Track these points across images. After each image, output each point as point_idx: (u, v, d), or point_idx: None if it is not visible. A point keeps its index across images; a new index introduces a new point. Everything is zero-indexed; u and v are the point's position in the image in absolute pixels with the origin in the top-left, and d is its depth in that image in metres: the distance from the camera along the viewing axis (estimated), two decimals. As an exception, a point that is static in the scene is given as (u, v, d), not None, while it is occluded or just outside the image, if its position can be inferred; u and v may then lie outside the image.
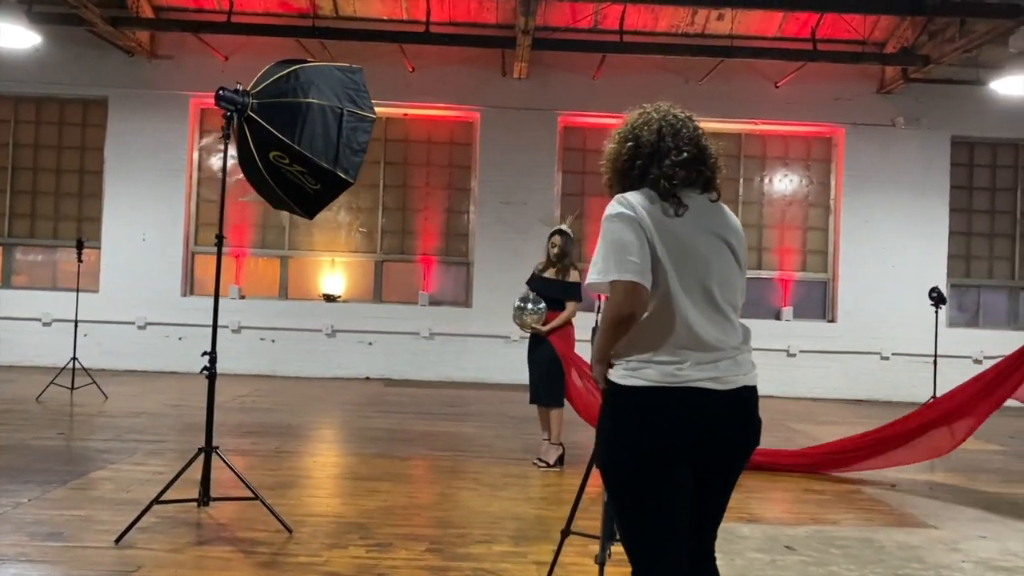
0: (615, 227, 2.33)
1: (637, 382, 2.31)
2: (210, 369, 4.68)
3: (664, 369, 2.29)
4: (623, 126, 2.52)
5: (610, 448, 2.36)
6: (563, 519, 4.99)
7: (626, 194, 2.39)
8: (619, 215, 2.33)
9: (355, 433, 7.74)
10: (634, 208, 2.33)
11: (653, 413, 2.29)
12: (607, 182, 2.54)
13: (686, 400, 2.29)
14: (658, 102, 2.59)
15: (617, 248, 2.29)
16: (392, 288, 12.77)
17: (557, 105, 12.46)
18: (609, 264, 2.30)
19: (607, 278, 2.30)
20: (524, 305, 6.36)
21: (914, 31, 11.67)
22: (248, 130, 4.62)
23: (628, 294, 2.27)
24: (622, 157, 2.47)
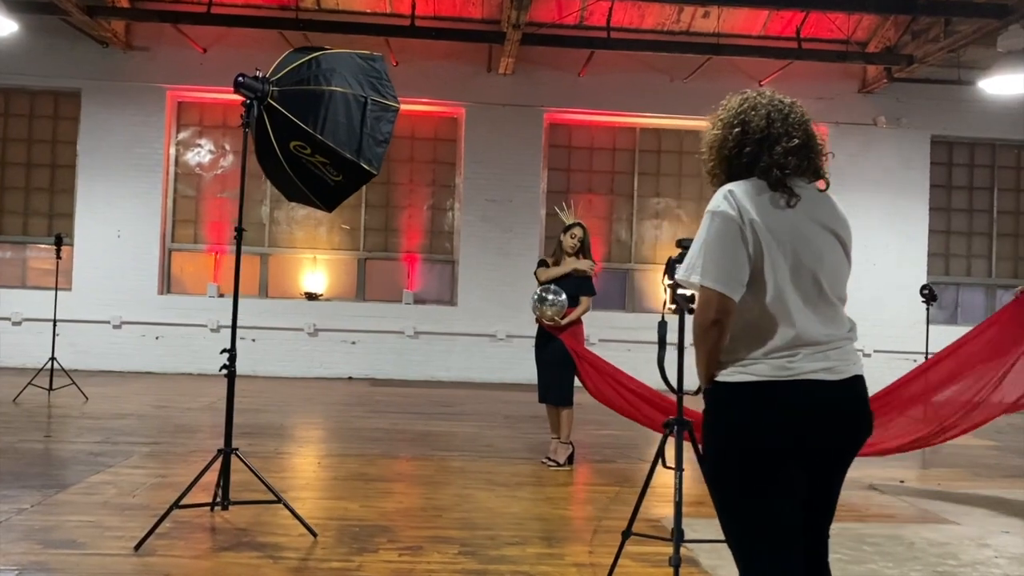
0: (713, 226, 2.25)
1: (748, 378, 2.22)
2: (230, 367, 4.46)
3: (776, 363, 2.21)
4: (726, 112, 2.41)
5: (722, 446, 2.27)
6: (587, 519, 4.94)
7: (733, 187, 2.29)
8: (721, 214, 2.25)
9: (353, 434, 7.55)
10: (740, 206, 2.24)
11: (766, 409, 2.21)
12: (709, 170, 2.44)
13: (799, 393, 2.21)
14: (757, 88, 2.48)
15: (710, 250, 2.24)
16: (375, 286, 12.56)
17: (543, 102, 12.36)
18: (697, 266, 2.25)
19: (693, 279, 2.25)
20: (545, 296, 6.24)
21: (897, 31, 11.79)
22: (268, 119, 4.43)
23: (711, 302, 2.23)
24: (728, 144, 2.37)
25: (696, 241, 2.27)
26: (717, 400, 2.28)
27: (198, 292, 12.18)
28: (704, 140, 2.45)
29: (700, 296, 2.24)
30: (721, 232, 2.22)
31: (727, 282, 2.20)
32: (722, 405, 2.27)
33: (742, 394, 2.22)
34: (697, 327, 2.25)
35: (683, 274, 2.27)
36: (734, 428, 2.23)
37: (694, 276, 2.24)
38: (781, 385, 2.20)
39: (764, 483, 2.22)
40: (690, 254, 2.26)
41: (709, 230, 2.24)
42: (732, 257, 2.20)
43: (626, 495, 5.60)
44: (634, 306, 12.65)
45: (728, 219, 2.23)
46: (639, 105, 12.43)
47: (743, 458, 2.22)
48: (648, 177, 12.80)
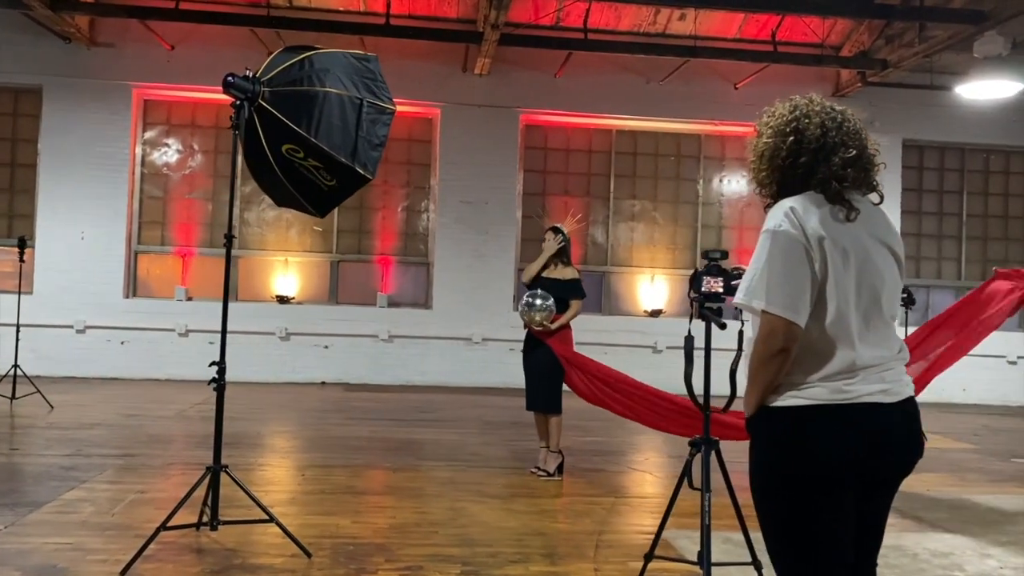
0: (776, 247, 2.12)
1: (803, 402, 2.12)
2: (219, 380, 4.26)
3: (833, 386, 2.11)
4: (776, 119, 2.30)
5: (775, 472, 2.16)
6: (587, 533, 4.82)
7: (793, 203, 2.17)
8: (784, 233, 2.12)
9: (334, 443, 7.35)
10: (802, 223, 2.13)
11: (823, 433, 2.10)
12: (760, 180, 2.32)
13: (857, 416, 2.11)
14: (805, 94, 2.37)
15: (775, 273, 2.11)
16: (348, 289, 12.33)
17: (518, 103, 12.24)
18: (761, 289, 2.12)
19: (756, 304, 2.12)
20: (533, 301, 6.12)
21: (871, 35, 11.86)
22: (258, 121, 4.24)
23: (778, 330, 2.09)
24: (781, 153, 2.25)
25: (755, 262, 2.14)
26: (770, 426, 2.17)
27: (165, 295, 11.85)
28: (753, 148, 2.34)
29: (764, 323, 2.10)
30: (785, 253, 2.10)
31: (794, 307, 2.08)
32: (775, 430, 2.15)
33: (797, 419, 2.12)
34: (760, 356, 2.12)
35: (743, 298, 2.14)
36: (789, 453, 2.13)
37: (756, 302, 2.11)
38: (838, 409, 2.10)
39: (819, 510, 2.12)
40: (749, 276, 2.13)
41: (771, 251, 2.12)
42: (798, 280, 2.09)
43: (621, 507, 5.51)
44: (610, 309, 12.58)
45: (792, 239, 2.11)
46: (615, 107, 12.36)
47: (798, 484, 2.12)
48: (624, 179, 12.74)
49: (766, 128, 2.31)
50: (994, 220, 13.42)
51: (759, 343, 2.11)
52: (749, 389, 2.19)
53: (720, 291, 3.04)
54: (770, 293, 2.09)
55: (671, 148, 12.87)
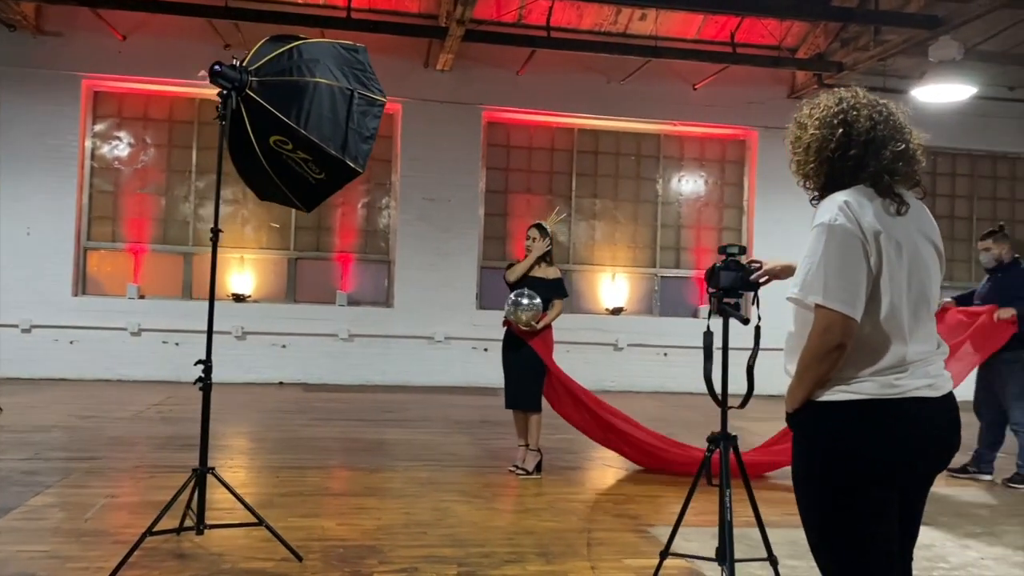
0: (833, 241, 2.10)
1: (853, 396, 2.11)
2: (205, 380, 4.11)
3: (883, 380, 2.10)
4: (822, 111, 2.27)
5: (823, 469, 2.14)
6: (576, 531, 4.79)
7: (846, 196, 2.16)
8: (841, 227, 2.10)
9: (303, 444, 7.19)
10: (857, 217, 2.12)
11: (874, 428, 2.10)
12: (807, 173, 2.30)
13: (906, 411, 2.11)
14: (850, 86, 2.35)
15: (831, 267, 2.08)
16: (307, 287, 12.11)
17: (481, 99, 12.16)
18: (817, 284, 2.09)
19: (812, 299, 2.09)
20: (520, 300, 6.05)
21: (827, 38, 12.09)
22: (245, 111, 4.10)
23: (835, 325, 2.07)
24: (830, 145, 2.23)
25: (810, 256, 2.11)
26: (817, 420, 2.15)
27: (116, 293, 11.49)
28: (795, 141, 2.31)
29: (820, 318, 2.08)
30: (842, 247, 2.09)
31: (852, 302, 2.06)
32: (824, 426, 2.14)
33: (847, 414, 2.11)
34: (815, 352, 2.09)
35: (798, 293, 2.11)
36: (838, 450, 2.12)
37: (814, 296, 2.08)
38: (888, 403, 2.10)
39: (868, 507, 2.12)
40: (804, 271, 2.11)
41: (827, 245, 2.10)
42: (854, 274, 2.07)
43: (604, 504, 5.49)
44: (572, 307, 12.56)
45: (849, 233, 2.10)
46: (577, 106, 12.38)
47: (848, 481, 2.11)
48: (586, 178, 12.77)
49: (811, 120, 2.28)
50: (941, 220, 13.74)
51: (814, 338, 2.09)
52: (797, 384, 2.16)
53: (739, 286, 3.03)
54: (827, 288, 2.06)
55: (632, 147, 12.94)
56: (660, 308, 12.83)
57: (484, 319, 12.02)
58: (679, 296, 12.91)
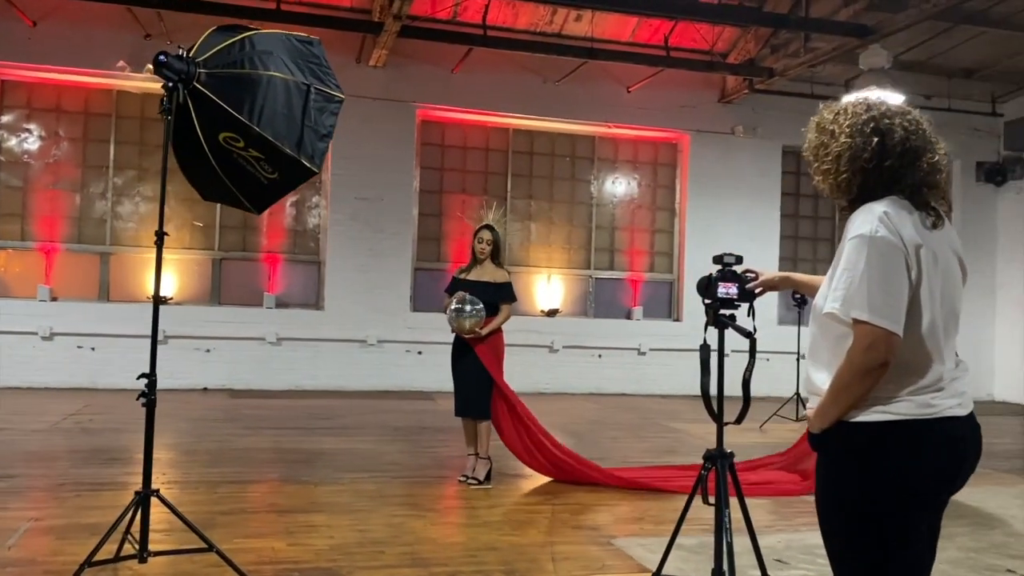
0: (875, 253, 1.99)
1: (889, 417, 2.01)
2: (148, 395, 3.80)
3: (919, 400, 2.02)
4: (850, 117, 2.15)
5: (855, 491, 2.04)
6: (538, 545, 4.65)
7: (886, 207, 2.06)
8: (883, 239, 2.00)
9: (239, 455, 6.85)
10: (898, 229, 2.02)
11: (911, 450, 2.01)
12: (836, 182, 2.17)
13: (940, 431, 2.04)
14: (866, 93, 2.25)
15: (874, 281, 1.97)
16: (232, 289, 11.64)
17: (415, 97, 11.91)
18: (860, 299, 1.98)
19: (855, 314, 1.98)
20: (462, 307, 5.86)
21: (757, 44, 12.27)
22: (192, 106, 3.81)
23: (880, 342, 1.96)
24: (864, 155, 2.11)
25: (850, 269, 2.00)
26: (850, 443, 2.05)
27: (26, 295, 10.80)
28: (824, 148, 2.18)
29: (864, 335, 1.97)
30: (885, 260, 1.98)
31: (896, 318, 1.96)
32: (857, 447, 2.04)
33: (881, 435, 2.01)
34: (858, 370, 1.98)
35: (839, 307, 1.99)
36: (873, 472, 2.02)
37: (857, 312, 1.97)
38: (924, 424, 2.01)
39: (903, 532, 2.03)
40: (843, 284, 1.99)
41: (869, 257, 1.99)
42: (897, 289, 1.97)
43: (561, 514, 5.36)
44: (506, 309, 12.44)
45: (892, 245, 2.00)
46: (512, 105, 12.25)
47: (884, 507, 2.02)
48: (521, 179, 12.66)
49: (840, 127, 2.16)
50: (863, 224, 14.19)
51: (856, 356, 1.98)
52: (831, 403, 2.05)
53: (735, 297, 2.92)
54: (872, 303, 1.96)
55: (566, 149, 12.89)
56: (595, 310, 12.82)
57: (418, 321, 11.80)
58: (613, 298, 12.93)
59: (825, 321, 2.11)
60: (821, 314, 2.12)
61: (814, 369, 2.15)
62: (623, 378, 12.49)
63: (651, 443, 8.38)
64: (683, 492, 5.71)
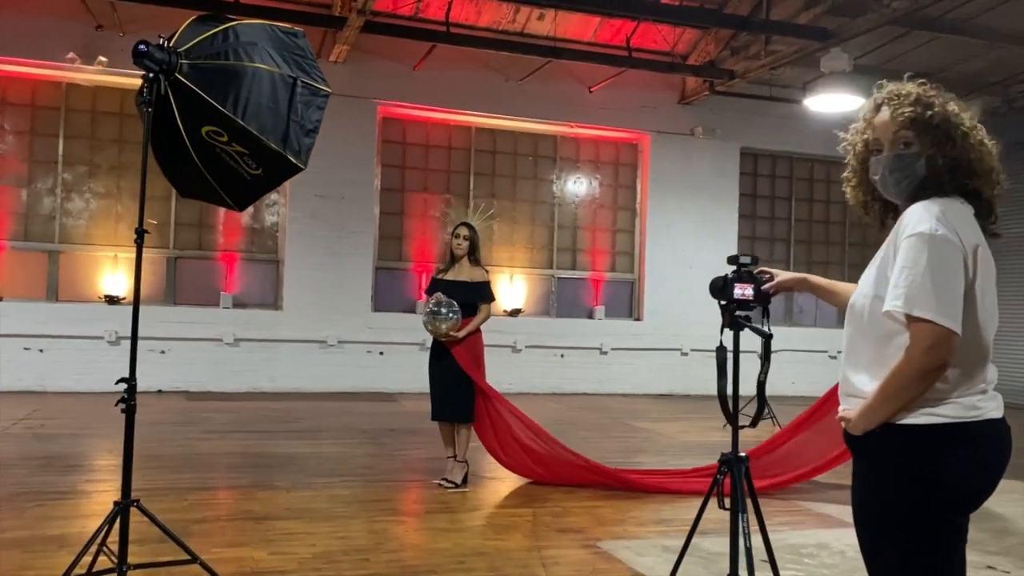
0: (936, 251, 1.95)
1: (936, 420, 1.97)
2: (128, 400, 3.63)
3: (966, 402, 1.99)
4: (959, 103, 2.12)
5: (902, 497, 2.00)
6: (524, 549, 4.58)
7: (936, 206, 2.02)
8: (943, 238, 1.96)
9: (205, 460, 6.64)
10: (957, 230, 1.98)
11: (960, 454, 1.98)
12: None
13: (986, 433, 2.02)
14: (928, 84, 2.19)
15: (936, 280, 1.93)
16: (188, 289, 11.33)
17: (376, 94, 11.74)
18: (923, 297, 1.93)
19: (919, 313, 1.93)
20: (438, 310, 5.75)
21: (717, 46, 12.37)
22: (174, 98, 3.64)
23: (943, 343, 1.92)
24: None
25: (910, 268, 1.95)
26: (896, 445, 2.01)
27: (-28, 295, 10.36)
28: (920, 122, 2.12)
29: (925, 334, 1.92)
30: (946, 259, 1.95)
31: (957, 317, 1.93)
32: (904, 451, 2.00)
33: (930, 438, 1.98)
34: (918, 370, 1.94)
35: (902, 306, 1.94)
36: (922, 477, 1.98)
37: (921, 310, 1.92)
38: (970, 427, 1.99)
39: (951, 537, 2.01)
40: (904, 282, 1.94)
41: (931, 255, 1.95)
42: (957, 288, 1.94)
43: (543, 517, 5.29)
44: (468, 309, 12.35)
45: (951, 244, 1.96)
46: (475, 104, 12.16)
47: (936, 512, 1.98)
48: (484, 177, 12.57)
49: (941, 108, 2.12)
50: (818, 225, 14.45)
51: (917, 356, 1.93)
52: (881, 405, 2.00)
53: (751, 299, 2.88)
54: (940, 302, 1.92)
55: (529, 148, 12.84)
56: (557, 309, 12.79)
57: (379, 322, 11.64)
58: (575, 297, 12.93)
59: (866, 321, 2.07)
60: (866, 314, 2.08)
61: (852, 371, 2.12)
62: (585, 378, 12.49)
63: (621, 443, 8.38)
64: (692, 494, 5.78)
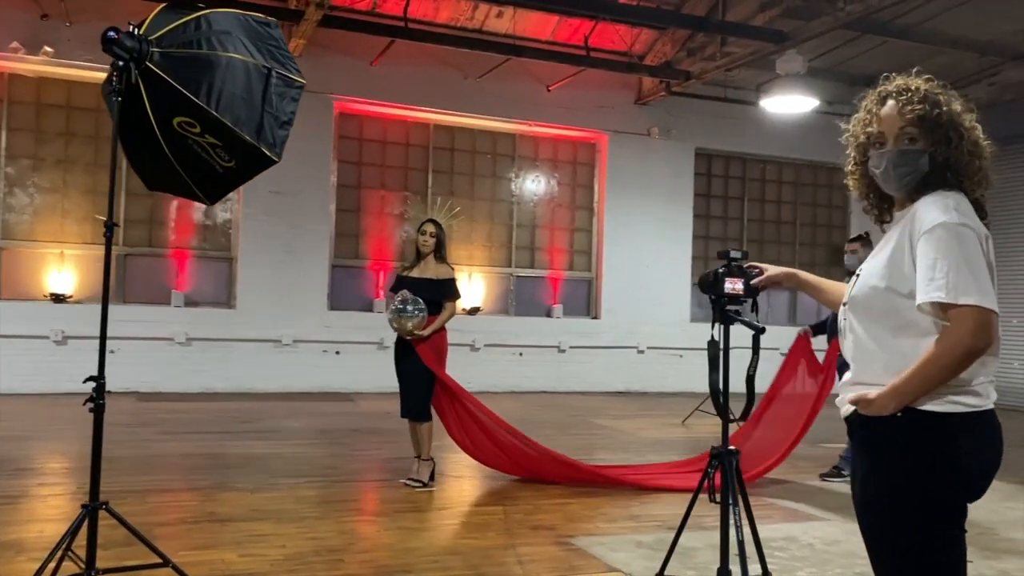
0: (967, 241, 1.98)
1: (953, 408, 2.00)
2: (96, 399, 3.51)
3: (981, 389, 2.02)
4: (959, 100, 2.14)
5: (915, 485, 2.01)
6: (499, 547, 4.55)
7: (951, 200, 2.05)
8: (965, 227, 1.99)
9: (163, 462, 6.47)
10: (970, 218, 2.03)
11: (973, 442, 2.01)
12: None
13: (991, 422, 2.06)
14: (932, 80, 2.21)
15: (974, 267, 1.96)
16: (138, 287, 11.04)
17: (333, 89, 11.57)
18: (965, 284, 1.94)
19: (963, 299, 1.94)
20: (404, 307, 5.68)
21: (674, 46, 12.48)
22: (144, 87, 3.53)
23: (987, 325, 1.94)
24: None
25: (943, 258, 1.95)
26: (913, 431, 2.02)
27: (-94, 293, 9.94)
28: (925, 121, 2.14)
29: (971, 316, 1.93)
30: (974, 247, 1.98)
31: (995, 300, 1.97)
32: (921, 438, 2.01)
33: (945, 426, 2.00)
34: (965, 352, 1.94)
35: (946, 296, 1.93)
36: (936, 465, 2.00)
37: (967, 297, 1.93)
38: (979, 415, 2.02)
39: (958, 527, 2.03)
40: (940, 273, 1.94)
41: (961, 244, 1.97)
42: (988, 274, 1.99)
43: (514, 514, 5.27)
44: (425, 307, 12.26)
45: (975, 233, 2.00)
46: (433, 100, 12.08)
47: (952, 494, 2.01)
48: (442, 175, 12.49)
49: (945, 103, 2.13)
50: (769, 225, 14.68)
51: (965, 338, 1.93)
52: (919, 385, 1.99)
53: (741, 293, 2.89)
54: (979, 287, 1.94)
55: (487, 146, 12.80)
56: (515, 308, 12.78)
57: (335, 320, 11.50)
58: (533, 296, 12.93)
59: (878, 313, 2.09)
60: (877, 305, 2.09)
61: (862, 363, 2.12)
62: (544, 376, 12.51)
63: (582, 440, 8.39)
64: (670, 490, 5.84)
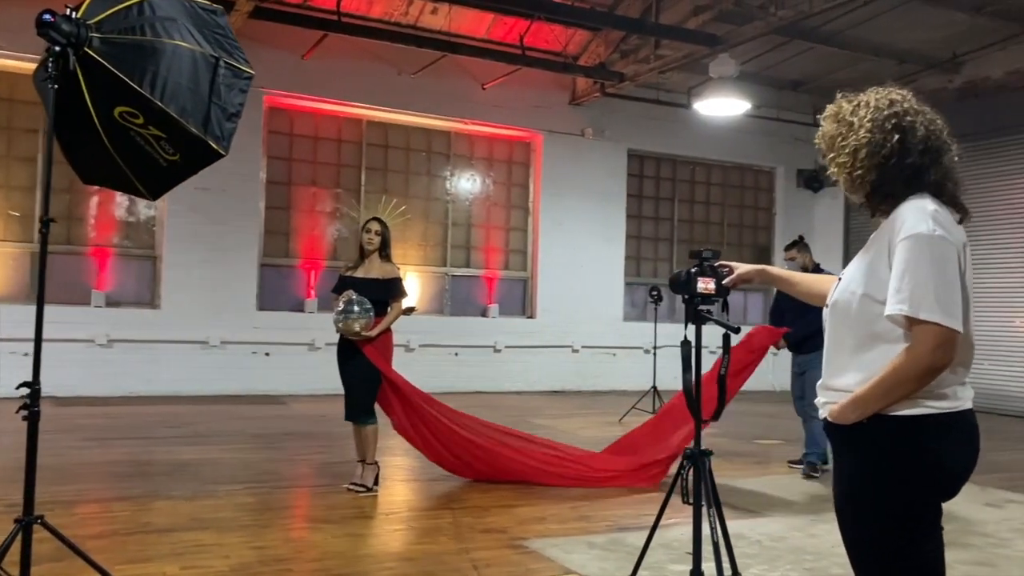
0: (936, 252, 1.96)
1: (924, 411, 2.01)
2: (31, 407, 3.30)
3: (950, 391, 2.04)
4: (871, 111, 2.10)
5: (888, 487, 2.02)
6: (452, 552, 4.49)
7: (929, 205, 2.04)
8: (940, 238, 1.97)
9: (90, 471, 6.16)
10: (947, 228, 2.01)
11: (944, 443, 2.03)
12: (852, 178, 2.12)
13: (964, 423, 2.08)
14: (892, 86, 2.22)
15: (940, 282, 1.95)
16: (55, 286, 10.43)
17: (262, 83, 11.16)
18: (929, 300, 1.93)
19: (925, 315, 1.93)
20: (350, 308, 5.54)
21: (607, 48, 12.57)
22: (82, 75, 3.33)
23: (949, 344, 1.94)
24: (884, 151, 2.08)
25: (911, 270, 1.95)
26: (883, 434, 2.02)
27: None
28: (842, 140, 2.14)
29: (932, 335, 1.93)
30: (945, 259, 1.97)
31: (959, 318, 1.95)
32: (892, 440, 2.02)
33: (916, 428, 2.01)
34: (924, 369, 1.95)
35: (908, 310, 1.93)
36: (908, 466, 2.01)
37: (927, 313, 1.92)
38: (951, 416, 2.03)
39: (934, 526, 2.05)
40: (907, 285, 1.93)
41: (932, 257, 1.96)
42: (957, 287, 1.97)
43: (463, 518, 5.18)
44: (358, 307, 12.05)
45: (949, 244, 1.98)
46: (366, 96, 11.88)
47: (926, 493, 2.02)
48: (375, 172, 12.29)
49: (861, 121, 2.12)
50: (699, 225, 14.93)
51: (924, 356, 1.94)
52: (880, 396, 2.00)
53: (713, 293, 2.87)
54: (942, 303, 1.93)
55: (422, 143, 12.66)
56: (451, 307, 12.67)
57: (265, 321, 11.20)
58: (469, 295, 12.84)
59: (853, 318, 2.08)
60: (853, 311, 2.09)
61: (836, 367, 2.13)
62: (479, 376, 12.43)
63: (523, 441, 8.32)
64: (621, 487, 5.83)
